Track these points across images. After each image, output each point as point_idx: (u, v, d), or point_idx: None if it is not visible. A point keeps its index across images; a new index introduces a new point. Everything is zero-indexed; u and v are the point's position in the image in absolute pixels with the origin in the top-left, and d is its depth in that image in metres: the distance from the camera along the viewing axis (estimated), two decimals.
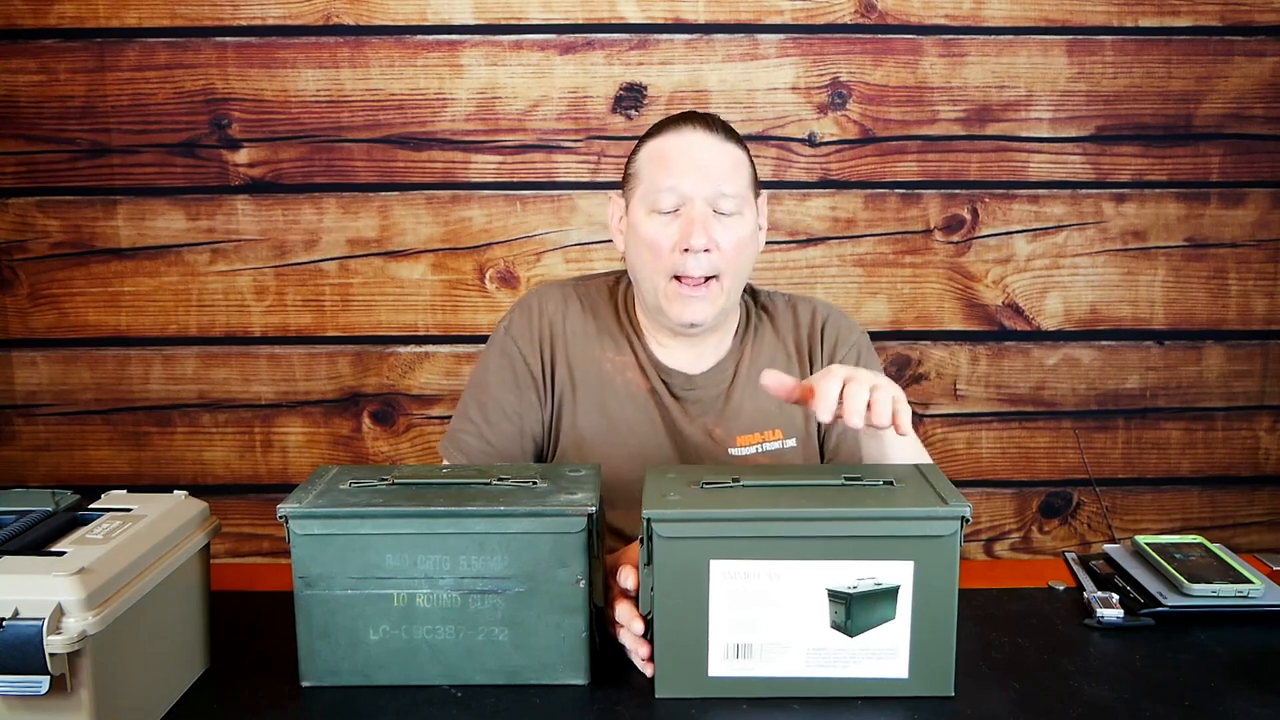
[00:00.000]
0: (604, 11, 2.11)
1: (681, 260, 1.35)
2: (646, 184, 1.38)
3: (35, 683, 0.90)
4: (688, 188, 1.35)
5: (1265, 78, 2.16)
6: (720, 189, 1.36)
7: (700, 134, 1.39)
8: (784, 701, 1.06)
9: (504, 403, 1.43)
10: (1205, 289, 2.23)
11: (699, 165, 1.36)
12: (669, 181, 1.36)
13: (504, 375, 1.45)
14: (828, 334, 1.48)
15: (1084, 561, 1.39)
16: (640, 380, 1.44)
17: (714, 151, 1.38)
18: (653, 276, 1.38)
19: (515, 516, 1.07)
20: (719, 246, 1.35)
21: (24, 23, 2.09)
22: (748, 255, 1.40)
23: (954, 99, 2.15)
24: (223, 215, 2.15)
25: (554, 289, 1.50)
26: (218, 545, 1.88)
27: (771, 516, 1.04)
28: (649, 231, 1.37)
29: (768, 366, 1.44)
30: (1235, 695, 1.08)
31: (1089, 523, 2.31)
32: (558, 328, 1.45)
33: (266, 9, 2.09)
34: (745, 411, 1.44)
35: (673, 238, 1.35)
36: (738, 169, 1.39)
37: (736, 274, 1.39)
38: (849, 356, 1.47)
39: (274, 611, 1.18)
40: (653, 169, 1.38)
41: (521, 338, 1.45)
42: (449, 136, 2.14)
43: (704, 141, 1.38)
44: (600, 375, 1.44)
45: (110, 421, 2.21)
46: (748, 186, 1.40)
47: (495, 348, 1.47)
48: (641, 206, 1.38)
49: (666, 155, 1.38)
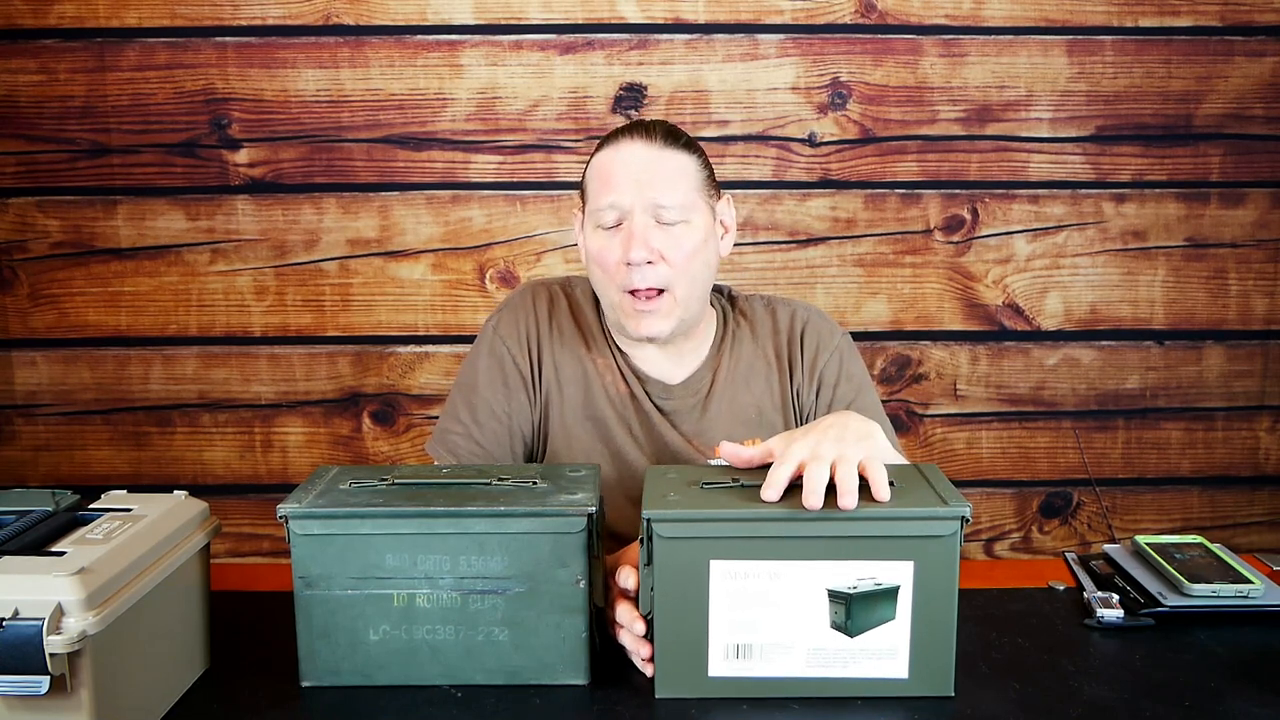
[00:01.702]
0: (604, 11, 2.11)
1: (628, 274, 1.33)
2: (591, 201, 1.38)
3: (35, 683, 0.90)
4: (625, 201, 1.33)
5: (1265, 78, 2.16)
6: (658, 200, 1.33)
7: (639, 145, 1.36)
8: (784, 701, 1.06)
9: (493, 403, 1.42)
10: (1205, 289, 2.23)
11: (635, 178, 1.34)
12: (608, 198, 1.34)
13: (493, 375, 1.43)
14: (808, 340, 1.46)
15: (1084, 561, 1.39)
16: (621, 385, 1.44)
17: (652, 161, 1.35)
18: (608, 292, 1.38)
19: (515, 516, 1.07)
20: (664, 258, 1.33)
21: (24, 23, 2.09)
22: (701, 262, 1.36)
23: (954, 99, 2.15)
24: (223, 215, 2.15)
25: (542, 287, 1.49)
26: (218, 545, 1.88)
27: (771, 516, 1.04)
28: (595, 248, 1.36)
29: (745, 373, 1.44)
30: (1235, 695, 1.08)
31: (1089, 523, 2.31)
32: (545, 327, 1.45)
33: (266, 9, 2.09)
34: (724, 420, 1.43)
35: (616, 253, 1.34)
36: (680, 175, 1.36)
37: (691, 283, 1.35)
38: (830, 362, 1.45)
39: (274, 611, 1.18)
40: (595, 185, 1.37)
41: (510, 337, 1.44)
42: (449, 136, 2.14)
43: (642, 152, 1.35)
44: (586, 375, 1.43)
45: (110, 421, 2.21)
46: (695, 191, 1.36)
47: (484, 347, 1.45)
48: (590, 223, 1.38)
49: (605, 170, 1.36)
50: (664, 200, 1.33)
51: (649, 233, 1.33)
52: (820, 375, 1.44)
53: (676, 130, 1.40)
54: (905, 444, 2.24)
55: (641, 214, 1.33)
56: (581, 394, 1.43)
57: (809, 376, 1.44)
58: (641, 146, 1.36)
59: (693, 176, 1.37)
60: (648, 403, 1.43)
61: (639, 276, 1.33)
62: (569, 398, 1.43)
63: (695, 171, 1.38)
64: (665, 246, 1.33)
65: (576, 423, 1.43)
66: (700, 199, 1.37)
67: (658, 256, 1.33)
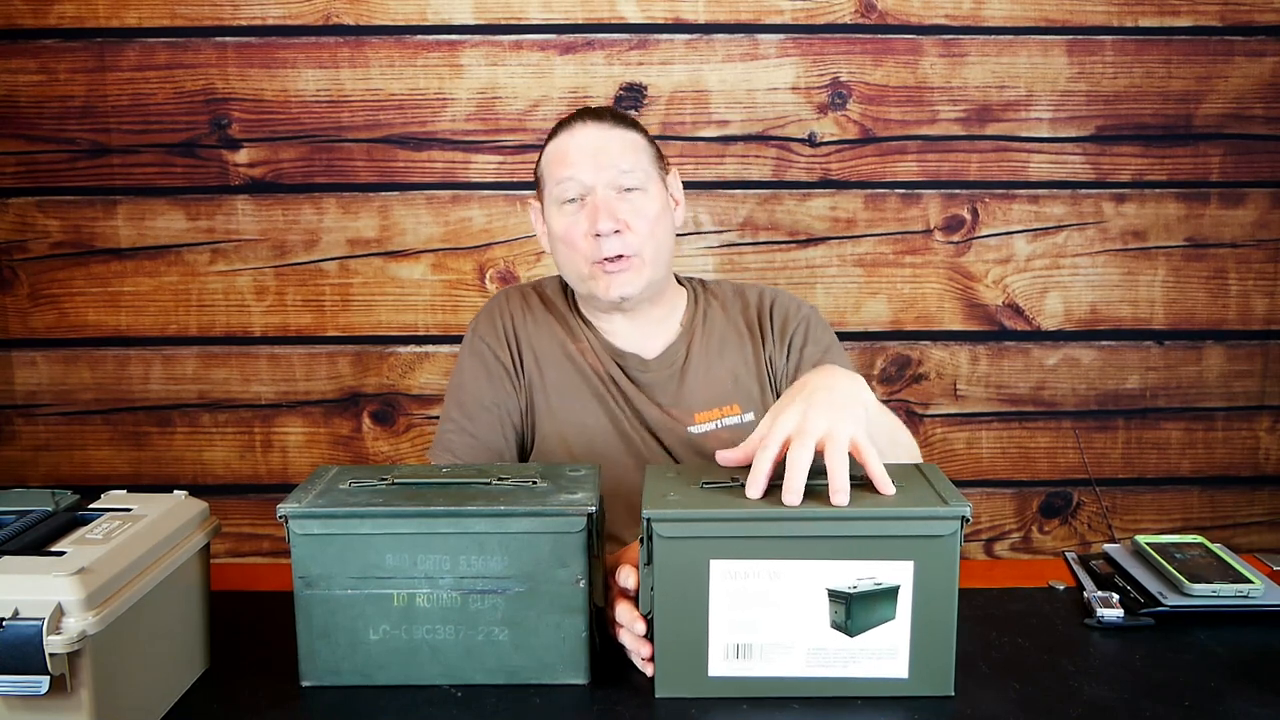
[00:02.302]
0: (604, 11, 2.11)
1: (595, 246, 1.41)
2: (550, 182, 1.46)
3: (35, 683, 0.90)
4: (586, 176, 1.42)
5: (1265, 78, 2.16)
6: (618, 167, 1.42)
7: (590, 125, 1.45)
8: (784, 701, 1.06)
9: (481, 396, 1.49)
10: (1205, 289, 2.23)
11: (593, 152, 1.43)
12: (567, 173, 1.43)
13: (477, 372, 1.50)
14: (776, 311, 1.53)
15: (1084, 561, 1.39)
16: (598, 364, 1.50)
17: (605, 137, 1.44)
18: (575, 266, 1.45)
19: (515, 516, 1.07)
20: (629, 226, 1.41)
21: (24, 23, 2.09)
22: (664, 229, 1.46)
23: (954, 99, 2.15)
24: (223, 215, 2.15)
25: (513, 291, 1.57)
26: (218, 545, 1.89)
27: (771, 516, 1.04)
28: (561, 225, 1.44)
29: (719, 343, 1.52)
30: (1235, 695, 1.08)
31: (1089, 523, 2.31)
32: (520, 323, 1.52)
33: (266, 9, 2.09)
34: (701, 389, 1.49)
35: (583, 225, 1.42)
36: (633, 148, 1.45)
37: (656, 248, 1.44)
38: (798, 329, 1.52)
39: (274, 611, 1.18)
40: (553, 168, 1.46)
41: (488, 335, 1.52)
42: (449, 136, 2.14)
43: (594, 131, 1.45)
44: (569, 359, 1.50)
45: (110, 421, 2.21)
46: (649, 163, 1.46)
47: (466, 351, 1.53)
48: (552, 205, 1.46)
49: (562, 151, 1.45)
50: (623, 166, 1.43)
51: (612, 203, 1.41)
52: (790, 341, 1.51)
53: (621, 112, 1.51)
54: None
55: (604, 188, 1.42)
56: (565, 376, 1.49)
57: (779, 343, 1.52)
58: (594, 127, 1.45)
59: (644, 150, 1.47)
60: (624, 380, 1.49)
61: (608, 246, 1.41)
62: (552, 381, 1.49)
63: (645, 146, 1.48)
64: (629, 215, 1.42)
65: (563, 404, 1.49)
66: (654, 170, 1.47)
67: (624, 225, 1.41)
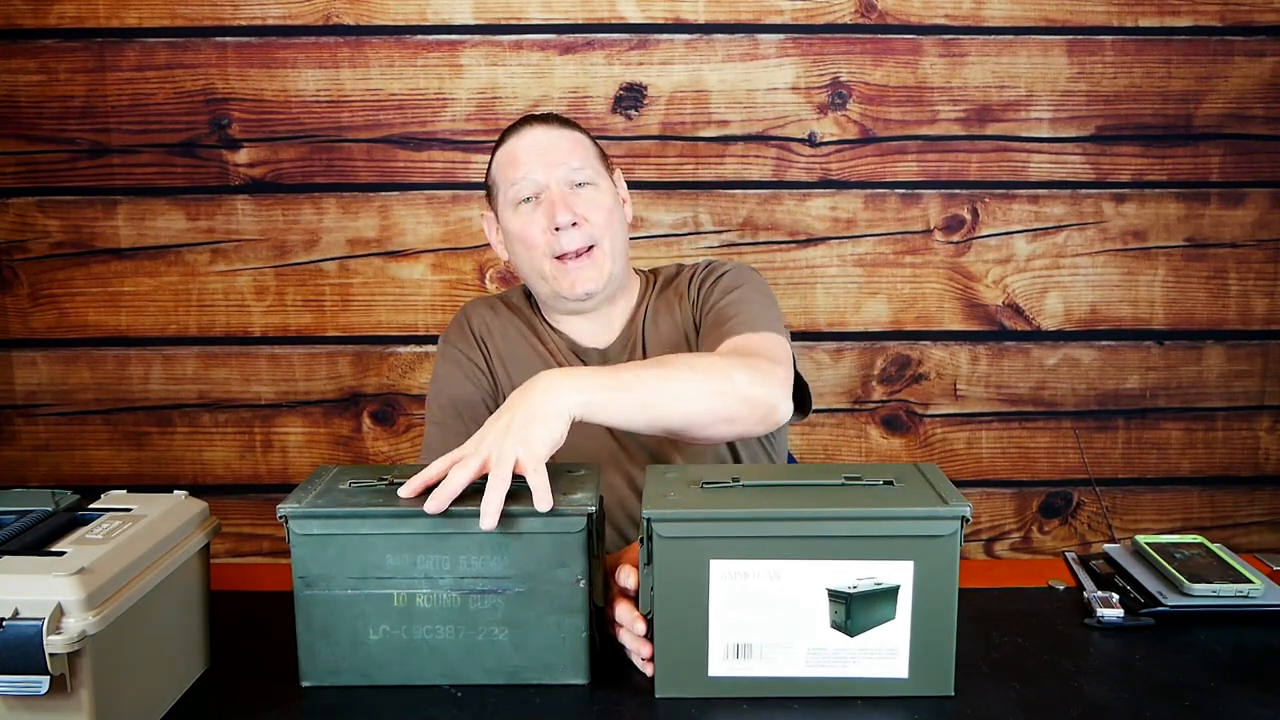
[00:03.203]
0: (604, 11, 2.11)
1: (555, 240, 1.44)
2: (503, 185, 1.50)
3: (35, 683, 0.90)
4: (539, 175, 1.46)
5: (1265, 78, 2.16)
6: (569, 163, 1.46)
7: (536, 128, 1.50)
8: (784, 701, 1.06)
9: (461, 396, 1.52)
10: (1205, 289, 2.23)
11: (542, 151, 1.47)
12: (519, 173, 1.47)
13: (454, 374, 1.54)
14: (697, 273, 1.55)
15: (1084, 561, 1.39)
16: (564, 364, 1.52)
17: (551, 137, 1.49)
18: (536, 264, 1.47)
19: (515, 516, 1.07)
20: (586, 219, 1.45)
21: (24, 23, 2.09)
22: (618, 222, 1.50)
23: (954, 99, 2.15)
24: (223, 215, 2.15)
25: (478, 301, 1.61)
26: (218, 545, 1.88)
27: (771, 516, 1.04)
28: (518, 225, 1.47)
29: (667, 321, 1.54)
30: (1235, 695, 1.08)
31: (1089, 523, 2.31)
32: (487, 328, 1.56)
33: (266, 9, 2.09)
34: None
35: (540, 222, 1.45)
36: (579, 146, 1.50)
37: (614, 239, 1.48)
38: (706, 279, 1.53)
39: (274, 611, 1.18)
40: (504, 170, 1.50)
41: (459, 341, 1.56)
42: (449, 136, 2.14)
43: (541, 133, 1.49)
44: (537, 357, 1.52)
45: (110, 421, 2.21)
46: (596, 160, 1.51)
47: (439, 359, 1.57)
48: (507, 207, 1.49)
49: (512, 154, 1.49)
50: (574, 163, 1.47)
51: (568, 198, 1.45)
52: (700, 293, 1.53)
53: (563, 115, 1.56)
54: (905, 444, 2.25)
55: (557, 184, 1.46)
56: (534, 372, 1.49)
57: (697, 299, 1.54)
58: (540, 129, 1.50)
59: (589, 148, 1.52)
60: None
61: (567, 239, 1.44)
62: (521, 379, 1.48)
63: (590, 145, 1.53)
64: (584, 208, 1.46)
65: None
66: (601, 167, 1.52)
67: (581, 218, 1.45)
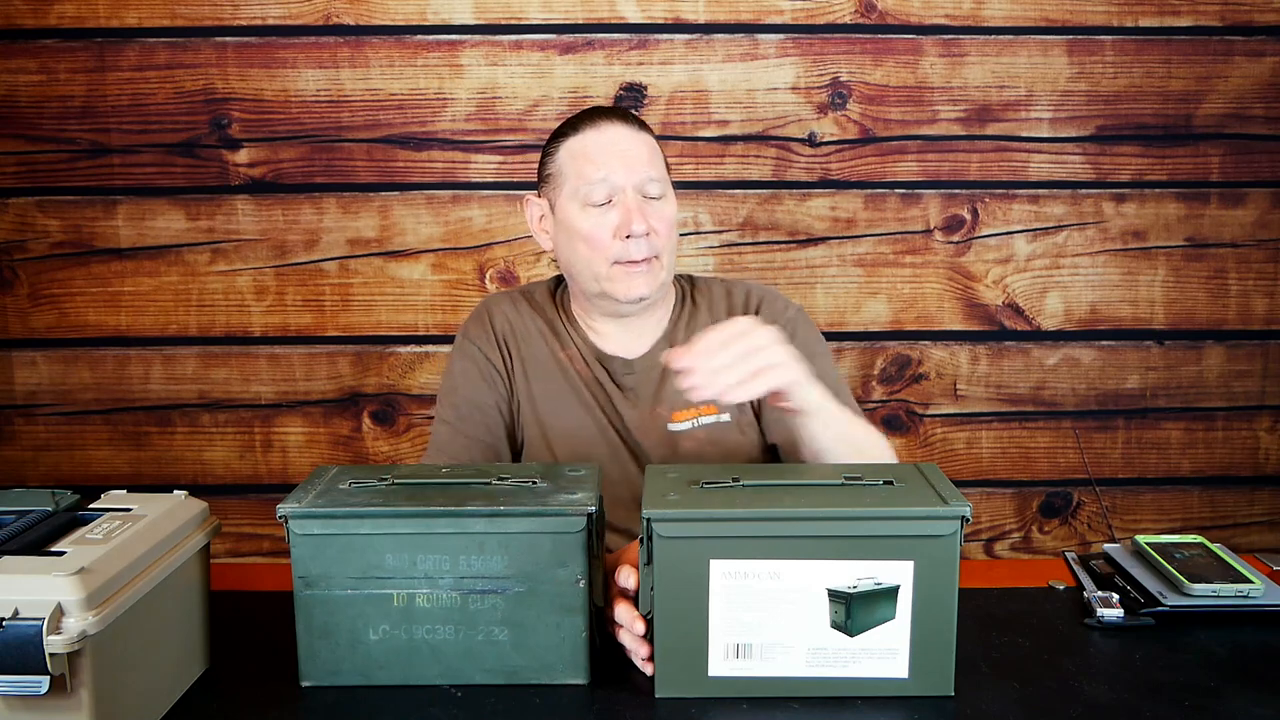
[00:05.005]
0: (604, 11, 2.11)
1: (623, 248, 1.42)
2: (574, 180, 1.45)
3: (35, 683, 0.90)
4: (618, 179, 1.43)
5: (1265, 78, 2.16)
6: (647, 175, 1.44)
7: (619, 127, 1.46)
8: (784, 701, 1.06)
9: (473, 398, 1.50)
10: (1205, 289, 2.23)
11: (624, 155, 1.43)
12: (599, 174, 1.43)
13: (470, 374, 1.51)
14: (764, 312, 1.53)
15: (1084, 561, 1.39)
16: (585, 370, 1.51)
17: (635, 141, 1.45)
18: (592, 266, 1.44)
19: (515, 516, 1.07)
20: (656, 231, 1.43)
21: (24, 23, 2.09)
22: (675, 234, 1.49)
23: (954, 99, 2.15)
24: (223, 215, 2.15)
25: (501, 296, 1.58)
26: (218, 545, 1.88)
27: (771, 516, 1.04)
28: (585, 225, 1.43)
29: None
30: (1235, 695, 1.08)
31: (1089, 523, 2.31)
32: (509, 328, 1.53)
33: (266, 9, 2.09)
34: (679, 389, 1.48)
35: (610, 227, 1.42)
36: (656, 155, 1.47)
37: (671, 252, 1.47)
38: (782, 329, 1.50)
39: (274, 611, 1.18)
40: (579, 165, 1.45)
41: (479, 339, 1.53)
42: (449, 136, 2.14)
43: (624, 133, 1.46)
44: (555, 366, 1.51)
45: (110, 421, 2.21)
46: (664, 170, 1.49)
47: (456, 354, 1.55)
48: (572, 203, 1.45)
49: (591, 150, 1.44)
50: (652, 174, 1.45)
51: (642, 206, 1.43)
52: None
53: (637, 115, 1.52)
54: (905, 444, 2.24)
55: (633, 191, 1.43)
56: (552, 383, 1.50)
57: None
58: (622, 128, 1.46)
59: (661, 157, 1.49)
60: (610, 384, 1.50)
61: (635, 248, 1.42)
62: (539, 389, 1.50)
63: (661, 153, 1.50)
64: (655, 220, 1.44)
65: (548, 411, 1.50)
66: (668, 178, 1.50)
67: (653, 230, 1.43)
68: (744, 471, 1.15)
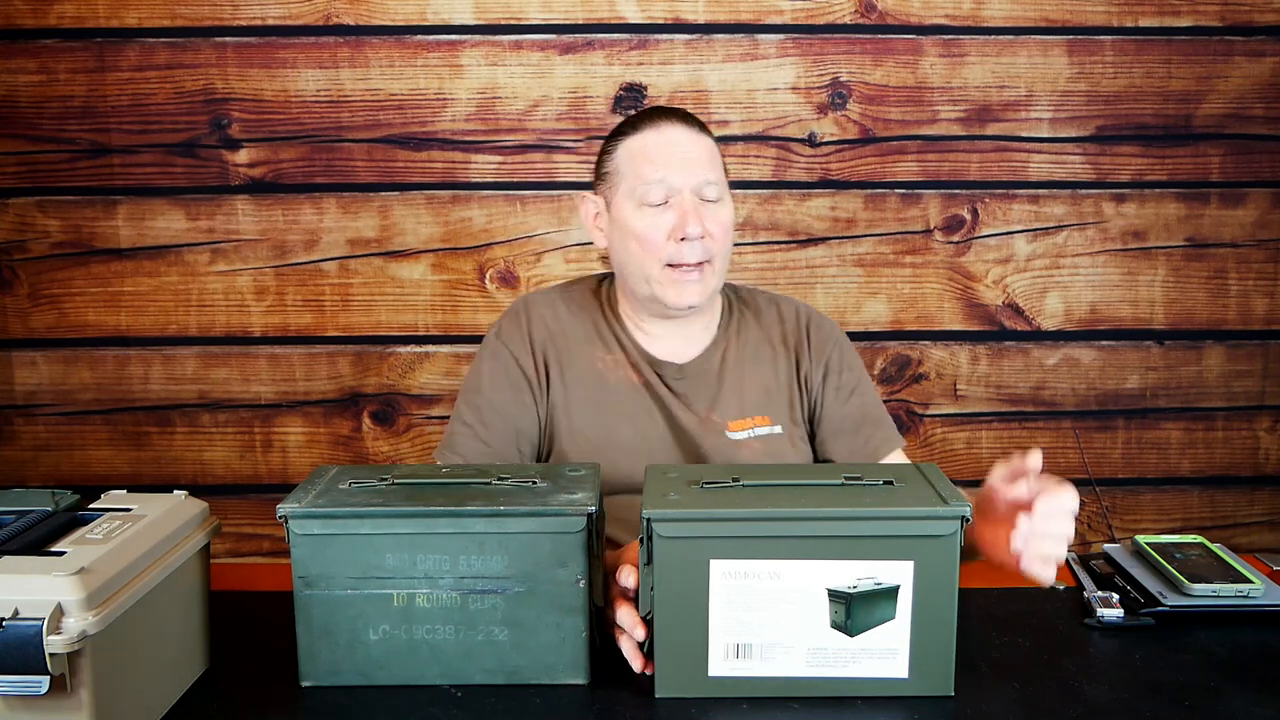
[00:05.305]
0: (604, 11, 2.11)
1: (677, 249, 1.39)
2: (631, 178, 1.42)
3: (35, 683, 0.90)
4: (676, 180, 1.40)
5: (1265, 78, 2.16)
6: (705, 178, 1.41)
7: (679, 128, 1.44)
8: (784, 701, 1.06)
9: (498, 404, 1.45)
10: (1205, 289, 2.23)
11: (683, 157, 1.41)
12: (657, 175, 1.40)
13: (498, 378, 1.47)
14: (814, 331, 1.53)
15: (1084, 561, 1.40)
16: (633, 376, 1.47)
17: (694, 143, 1.43)
18: (644, 267, 1.41)
19: (515, 516, 1.07)
20: (710, 233, 1.40)
21: (24, 23, 2.09)
22: (731, 240, 1.47)
23: (954, 99, 2.15)
24: (223, 215, 2.15)
25: (541, 295, 1.53)
26: (218, 545, 1.87)
27: (771, 516, 1.04)
28: (640, 225, 1.41)
29: (753, 354, 1.50)
30: (1235, 695, 1.08)
31: (1089, 523, 2.30)
32: (547, 331, 1.48)
33: (266, 9, 2.09)
34: (735, 397, 1.48)
35: (665, 228, 1.40)
36: (715, 158, 1.45)
37: (724, 256, 1.44)
38: (834, 353, 1.52)
39: (274, 611, 1.18)
40: (637, 164, 1.42)
41: (513, 341, 1.48)
42: (449, 136, 2.14)
43: (684, 134, 1.43)
44: (594, 375, 1.46)
45: (110, 421, 2.21)
46: (724, 173, 1.46)
47: (487, 352, 1.49)
48: (628, 201, 1.42)
49: (650, 150, 1.42)
50: (710, 177, 1.42)
51: (699, 210, 1.40)
52: (827, 363, 1.51)
53: (697, 117, 1.48)
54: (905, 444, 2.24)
55: (690, 193, 1.40)
56: (591, 393, 1.46)
57: (817, 362, 1.51)
58: (682, 129, 1.44)
59: (720, 160, 1.47)
60: (661, 387, 1.46)
61: (689, 251, 1.39)
62: (576, 398, 1.46)
63: (720, 156, 1.47)
64: (711, 224, 1.41)
65: (587, 423, 1.45)
66: (726, 182, 1.46)
67: (708, 233, 1.40)
68: (744, 471, 1.15)
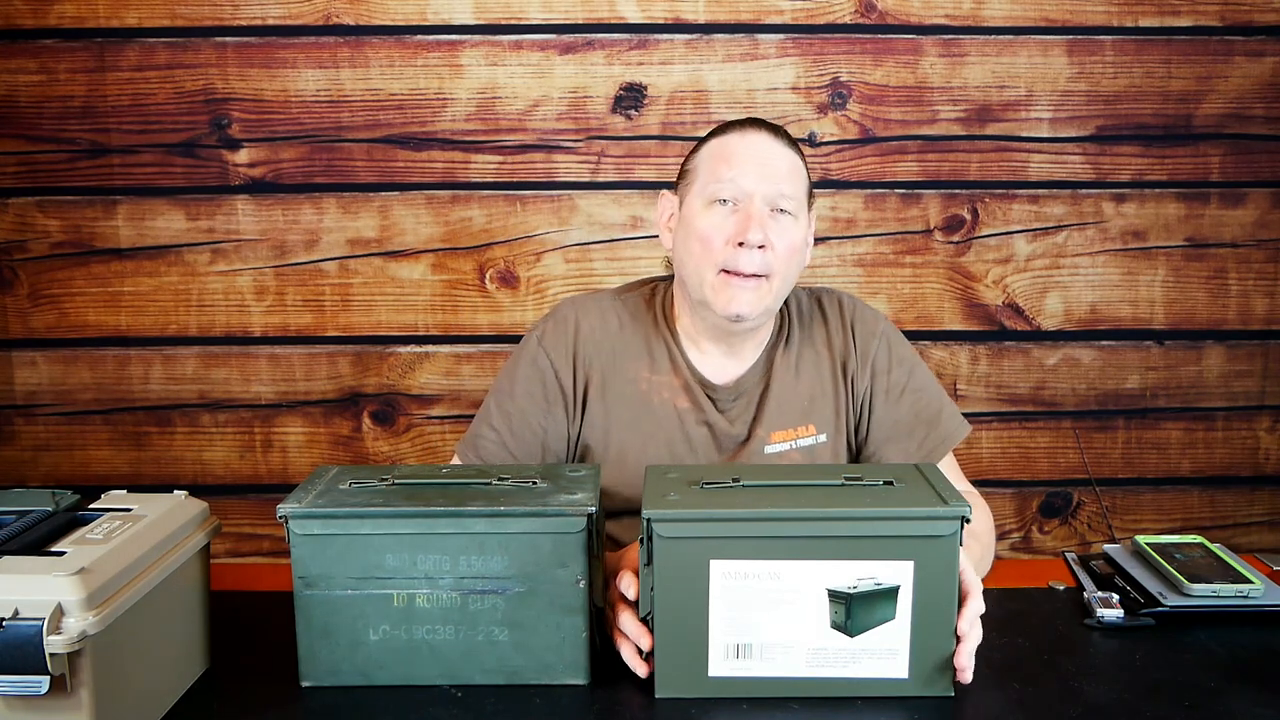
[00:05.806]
0: (604, 11, 2.11)
1: (734, 255, 1.35)
2: (705, 177, 1.39)
3: (35, 683, 0.90)
4: (748, 183, 1.36)
5: (1265, 78, 2.16)
6: (780, 188, 1.37)
7: (764, 136, 1.40)
8: (784, 701, 1.06)
9: (529, 414, 1.42)
10: (1205, 289, 2.23)
11: (760, 162, 1.37)
12: (730, 174, 1.37)
13: (532, 386, 1.43)
14: (859, 330, 1.48)
15: (1084, 561, 1.40)
16: (679, 399, 1.43)
17: (776, 152, 1.39)
18: (700, 269, 1.37)
19: (515, 516, 1.07)
20: (773, 246, 1.35)
21: (24, 23, 2.09)
22: (797, 261, 1.40)
23: (954, 99, 2.15)
24: (223, 215, 2.15)
25: (590, 301, 1.48)
26: (218, 545, 1.88)
27: (771, 516, 1.04)
28: (703, 223, 1.37)
29: (797, 363, 1.46)
30: (1235, 695, 1.08)
31: (1089, 523, 2.31)
32: (592, 343, 1.43)
33: (266, 9, 2.09)
34: (779, 410, 1.44)
35: (727, 231, 1.36)
36: (797, 173, 1.40)
37: (785, 277, 1.38)
38: (880, 349, 1.47)
39: (274, 611, 1.18)
40: (713, 163, 1.39)
41: (554, 349, 1.43)
42: (449, 136, 2.14)
43: (767, 142, 1.39)
44: (636, 394, 1.43)
45: (110, 421, 2.21)
46: (804, 194, 1.41)
47: (526, 356, 1.44)
48: (698, 199, 1.39)
49: (729, 151, 1.39)
50: (786, 189, 1.37)
51: (765, 219, 1.35)
52: (873, 363, 1.47)
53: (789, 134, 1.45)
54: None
55: (760, 200, 1.36)
56: (632, 412, 1.42)
57: (863, 364, 1.46)
58: (767, 138, 1.40)
59: (804, 178, 1.42)
60: (712, 410, 1.43)
61: (746, 259, 1.34)
62: (618, 417, 1.42)
63: (805, 175, 1.42)
64: (775, 235, 1.36)
65: (623, 439, 1.42)
66: (805, 202, 1.41)
67: (770, 244, 1.35)
68: (744, 472, 1.15)
